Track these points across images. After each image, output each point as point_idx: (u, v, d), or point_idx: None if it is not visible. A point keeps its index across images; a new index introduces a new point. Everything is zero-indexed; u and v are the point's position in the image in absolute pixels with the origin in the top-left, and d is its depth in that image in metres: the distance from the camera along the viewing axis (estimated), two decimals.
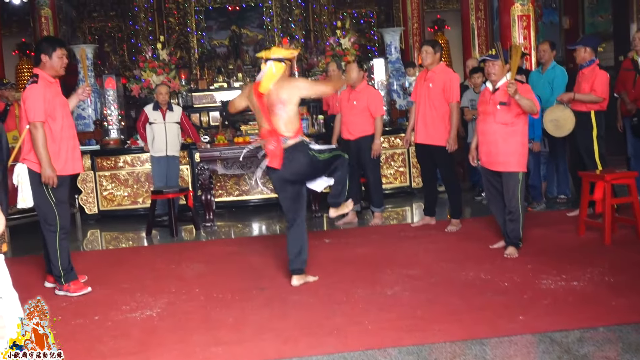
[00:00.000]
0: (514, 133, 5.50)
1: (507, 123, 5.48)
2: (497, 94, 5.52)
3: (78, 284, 5.24)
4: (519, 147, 5.53)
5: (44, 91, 5.04)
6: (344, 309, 4.41)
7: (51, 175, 4.98)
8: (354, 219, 7.53)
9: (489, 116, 5.57)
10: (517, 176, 5.52)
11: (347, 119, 7.29)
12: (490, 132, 5.56)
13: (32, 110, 4.96)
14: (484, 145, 5.65)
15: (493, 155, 5.57)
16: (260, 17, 16.03)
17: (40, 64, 5.18)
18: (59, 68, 5.22)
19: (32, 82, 5.05)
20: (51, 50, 5.16)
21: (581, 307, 4.18)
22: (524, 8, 9.83)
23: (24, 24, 15.94)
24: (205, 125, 11.98)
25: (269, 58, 4.99)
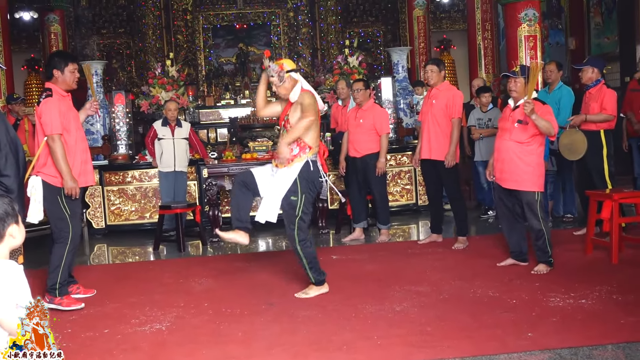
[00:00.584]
0: (529, 152, 5.50)
1: (522, 142, 5.48)
2: (517, 111, 5.52)
3: (70, 299, 5.23)
4: (533, 167, 5.52)
5: (59, 104, 5.09)
6: (353, 325, 4.42)
7: (73, 187, 5.04)
8: (360, 236, 7.56)
9: (505, 133, 5.59)
10: (532, 195, 5.52)
11: (354, 137, 7.35)
12: (505, 149, 5.58)
13: (49, 124, 5.00)
14: (499, 162, 5.67)
15: (507, 172, 5.59)
16: (268, 35, 16.18)
17: (52, 79, 5.24)
18: (71, 82, 5.27)
19: (47, 96, 5.09)
20: (63, 65, 5.22)
21: (590, 324, 4.19)
22: (530, 29, 9.91)
23: (34, 39, 16.12)
24: (212, 142, 12.04)
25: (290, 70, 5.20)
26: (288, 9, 15.96)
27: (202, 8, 15.96)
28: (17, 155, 3.88)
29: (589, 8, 13.14)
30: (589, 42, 13.08)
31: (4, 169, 3.83)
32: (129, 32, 16.40)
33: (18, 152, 3.89)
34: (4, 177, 3.82)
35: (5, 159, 3.80)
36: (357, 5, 16.81)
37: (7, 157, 3.82)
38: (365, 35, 16.60)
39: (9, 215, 2.51)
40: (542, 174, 5.59)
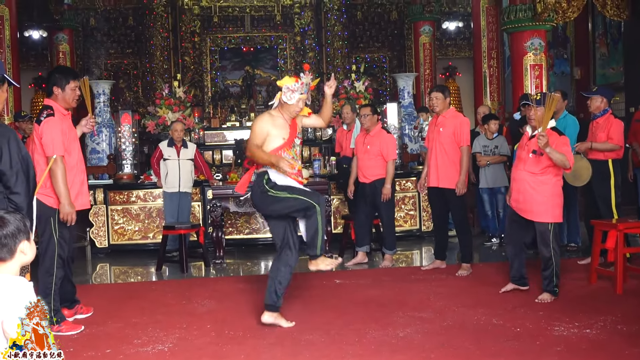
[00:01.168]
0: (544, 182, 5.47)
1: (535, 172, 5.46)
2: (533, 141, 5.47)
3: (69, 324, 5.11)
4: (548, 197, 5.48)
5: (61, 124, 4.97)
6: (356, 350, 4.40)
7: (70, 212, 4.92)
8: (363, 259, 7.54)
9: (520, 162, 5.58)
10: (546, 226, 5.50)
11: (362, 163, 7.37)
12: (520, 179, 5.57)
13: (50, 145, 4.87)
14: (514, 192, 5.65)
15: (521, 202, 5.57)
16: (274, 59, 16.31)
17: (52, 96, 5.10)
18: (71, 101, 5.14)
19: (48, 115, 4.94)
20: (64, 83, 5.08)
21: (594, 355, 4.17)
22: (536, 58, 10.00)
23: (42, 58, 16.25)
24: (217, 163, 12.07)
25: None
26: (295, 34, 16.09)
27: (210, 30, 16.10)
28: (28, 173, 3.89)
29: (594, 38, 13.23)
30: (594, 72, 13.15)
31: (15, 186, 3.83)
32: (136, 53, 16.53)
33: (29, 170, 3.90)
34: (14, 194, 3.82)
35: (16, 176, 3.81)
36: (364, 31, 16.94)
37: (18, 174, 3.83)
38: (371, 61, 16.71)
39: (20, 232, 2.52)
40: (558, 204, 5.54)
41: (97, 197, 8.65)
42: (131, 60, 16.65)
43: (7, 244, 2.49)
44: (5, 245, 2.49)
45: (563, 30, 14.05)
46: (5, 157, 3.81)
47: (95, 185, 8.93)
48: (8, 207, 3.61)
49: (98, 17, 16.18)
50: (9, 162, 3.82)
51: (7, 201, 3.85)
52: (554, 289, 5.53)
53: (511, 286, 5.78)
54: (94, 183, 9.16)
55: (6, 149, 3.82)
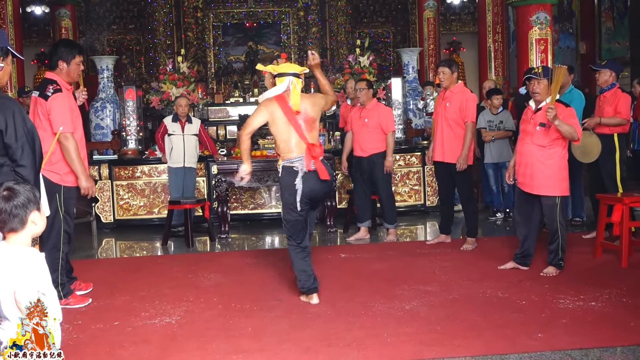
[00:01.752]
0: (551, 156, 5.44)
1: (544, 145, 5.43)
2: (539, 114, 5.44)
3: (77, 297, 5.14)
4: (556, 171, 5.45)
5: (69, 100, 4.93)
6: (363, 322, 4.43)
7: (89, 186, 4.94)
8: (365, 236, 7.55)
9: (527, 136, 5.52)
10: (553, 199, 5.48)
11: (359, 137, 7.34)
12: (527, 153, 5.52)
13: (60, 121, 4.80)
14: (521, 166, 5.59)
15: (529, 177, 5.53)
16: (277, 34, 16.23)
17: (56, 69, 5.00)
18: (75, 75, 5.06)
19: (56, 91, 4.85)
20: (70, 57, 5.00)
21: (600, 327, 4.19)
22: (541, 32, 9.93)
23: (44, 34, 16.20)
24: (221, 139, 12.07)
25: (285, 73, 4.89)
26: (298, 8, 15.99)
27: (213, 6, 16.00)
28: (34, 146, 3.88)
29: (600, 12, 13.14)
30: (599, 47, 13.08)
31: (20, 159, 3.83)
32: (139, 29, 16.46)
33: (34, 142, 3.90)
34: (20, 167, 3.83)
35: (22, 149, 3.81)
36: (368, 6, 16.84)
37: (24, 147, 3.83)
38: (375, 36, 16.62)
39: (30, 202, 2.53)
40: (565, 177, 5.52)
41: (102, 172, 8.66)
42: (134, 36, 16.59)
43: (18, 214, 2.51)
44: (17, 215, 2.51)
45: (568, 4, 13.95)
46: (11, 130, 3.81)
47: (100, 160, 8.93)
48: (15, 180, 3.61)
49: None
50: (14, 135, 3.81)
51: (13, 174, 3.85)
52: (560, 262, 5.54)
53: (511, 264, 5.76)
54: (98, 158, 9.16)
55: (11, 122, 3.81)
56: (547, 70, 5.52)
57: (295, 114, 4.84)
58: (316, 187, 4.89)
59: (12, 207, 2.50)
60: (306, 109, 4.89)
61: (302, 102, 4.87)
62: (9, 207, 2.50)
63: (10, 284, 2.44)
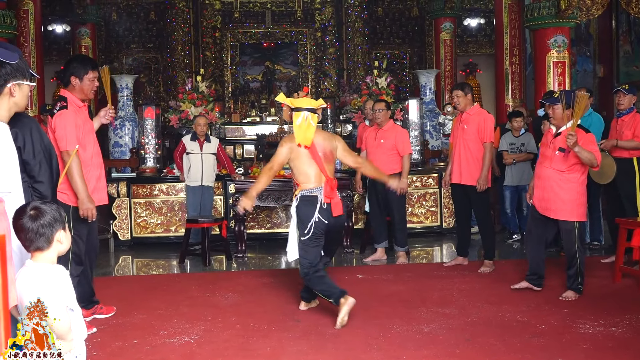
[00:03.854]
0: (570, 180, 5.43)
1: (562, 170, 5.42)
2: (558, 138, 5.44)
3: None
4: (574, 196, 5.44)
5: (75, 117, 4.81)
6: (381, 344, 4.42)
7: (90, 207, 4.78)
8: (382, 257, 7.53)
9: (546, 160, 5.53)
10: (572, 224, 5.46)
11: (374, 157, 7.33)
12: (545, 177, 5.51)
13: (63, 139, 4.72)
14: (539, 190, 5.59)
15: (546, 201, 5.52)
16: (295, 55, 16.32)
17: (68, 86, 4.92)
18: (88, 92, 4.96)
19: (62, 108, 4.75)
20: (82, 73, 4.90)
21: (621, 353, 4.16)
22: (559, 55, 9.95)
23: (64, 52, 16.38)
24: (239, 158, 12.13)
25: (301, 108, 5.10)
26: (316, 29, 16.10)
27: (231, 26, 16.14)
28: (51, 162, 3.91)
29: (617, 36, 13.13)
30: (617, 70, 13.05)
31: (38, 175, 3.85)
32: (157, 48, 16.63)
33: (52, 159, 3.92)
34: (38, 183, 3.85)
35: (39, 165, 3.83)
36: (385, 27, 16.94)
37: (42, 163, 3.85)
38: (392, 57, 16.68)
39: (57, 221, 2.56)
40: (583, 203, 5.51)
41: (120, 190, 8.73)
42: (152, 55, 16.76)
43: (44, 233, 2.54)
44: (43, 234, 2.54)
45: (586, 27, 13.95)
46: (29, 147, 3.82)
47: (119, 178, 8.99)
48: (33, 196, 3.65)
49: (120, 11, 16.30)
50: (32, 152, 3.83)
51: (31, 190, 3.87)
52: (579, 287, 5.51)
53: (525, 284, 5.74)
54: (117, 176, 9.23)
55: (29, 139, 3.83)
56: (563, 94, 5.50)
57: (305, 148, 5.05)
58: (331, 220, 5.07)
59: (39, 226, 2.53)
60: (322, 143, 5.11)
61: (317, 137, 5.10)
62: (36, 226, 2.53)
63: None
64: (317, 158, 5.05)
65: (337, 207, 5.06)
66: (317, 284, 5.00)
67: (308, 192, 5.06)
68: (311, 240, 5.03)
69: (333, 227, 5.13)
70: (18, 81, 3.06)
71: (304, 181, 5.10)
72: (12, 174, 3.04)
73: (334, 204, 5.04)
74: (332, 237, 5.27)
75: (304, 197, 5.07)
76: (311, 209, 5.02)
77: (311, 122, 5.06)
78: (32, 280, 2.51)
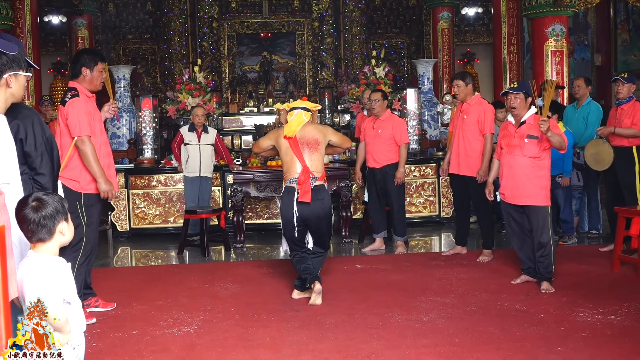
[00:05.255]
0: (541, 167, 5.48)
1: (535, 156, 5.44)
2: (523, 127, 5.49)
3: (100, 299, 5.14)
4: (546, 181, 5.52)
5: (87, 105, 4.91)
6: (380, 334, 4.43)
7: (108, 189, 4.90)
8: (381, 247, 7.54)
9: (515, 149, 5.52)
10: (546, 210, 5.50)
11: (372, 148, 7.35)
12: (517, 165, 5.51)
13: (77, 125, 4.81)
14: (510, 179, 5.59)
15: (520, 189, 5.52)
16: (292, 45, 16.29)
17: (78, 77, 5.01)
18: (98, 83, 5.07)
19: (73, 96, 4.87)
20: (93, 64, 5.00)
21: (620, 341, 4.17)
22: (557, 44, 9.95)
23: (61, 43, 16.34)
24: (236, 148, 12.11)
25: (296, 107, 5.50)
26: (313, 19, 16.05)
27: (228, 16, 16.09)
28: (52, 154, 3.91)
29: (616, 25, 13.12)
30: (615, 59, 13.04)
31: (40, 167, 3.85)
32: (154, 38, 16.58)
33: (53, 151, 3.92)
34: (39, 175, 3.84)
35: (41, 157, 3.82)
36: (382, 17, 16.89)
37: (43, 155, 3.84)
38: (389, 47, 16.65)
39: (59, 213, 2.56)
40: (550, 187, 5.61)
41: (118, 181, 8.70)
42: (149, 45, 16.71)
43: (46, 224, 2.54)
44: (45, 226, 2.54)
45: (584, 16, 13.94)
46: (30, 139, 3.82)
47: (117, 169, 8.94)
48: (34, 188, 3.65)
49: (117, 2, 16.23)
50: (33, 144, 3.83)
51: (32, 182, 3.87)
52: (551, 276, 5.51)
53: (525, 278, 5.73)
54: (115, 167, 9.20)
55: (31, 131, 3.83)
56: (523, 84, 5.60)
57: (288, 139, 5.39)
58: (305, 211, 5.33)
59: (41, 217, 2.53)
60: (309, 132, 5.42)
61: (305, 128, 5.44)
62: (38, 217, 2.53)
63: (37, 292, 2.46)
64: (297, 149, 5.36)
65: (305, 194, 5.27)
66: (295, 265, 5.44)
67: (288, 182, 5.41)
68: (284, 228, 5.44)
69: (308, 217, 5.35)
70: (14, 72, 3.04)
71: (285, 172, 5.47)
72: (10, 165, 3.02)
73: (303, 191, 5.27)
74: (314, 228, 5.43)
75: (286, 188, 5.42)
76: (288, 198, 5.37)
77: (303, 118, 5.46)
78: (33, 271, 2.51)
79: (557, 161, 6.88)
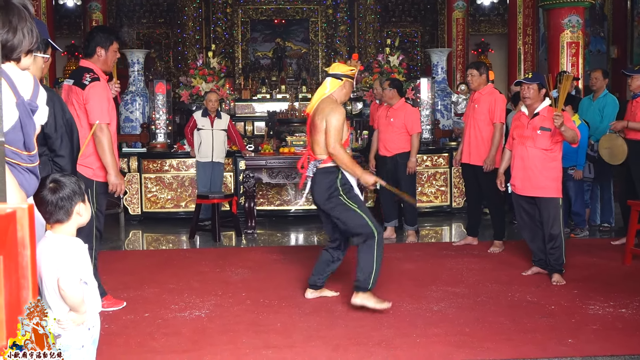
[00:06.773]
0: (553, 158, 5.46)
1: (547, 148, 5.42)
2: (537, 119, 5.45)
3: (110, 299, 4.85)
4: (557, 173, 5.49)
5: (107, 90, 4.75)
6: (391, 322, 4.44)
7: (118, 183, 4.68)
8: (392, 235, 7.54)
9: (527, 140, 5.49)
10: (557, 201, 5.48)
11: (384, 136, 7.35)
12: (530, 157, 5.49)
13: (97, 111, 4.59)
14: (522, 171, 5.56)
15: (532, 180, 5.50)
16: (306, 32, 16.26)
17: (92, 57, 4.78)
18: (111, 63, 4.87)
19: (94, 79, 4.62)
20: (108, 44, 4.79)
21: (631, 334, 4.16)
22: (573, 35, 9.87)
23: (75, 26, 16.38)
24: (249, 134, 12.14)
25: (328, 73, 4.87)
26: (327, 6, 16.00)
27: (242, 2, 16.08)
28: (72, 136, 3.92)
29: (632, 17, 13.01)
30: (631, 51, 12.94)
31: (59, 149, 3.86)
32: (168, 23, 16.59)
33: (73, 133, 3.94)
34: (59, 157, 3.87)
35: (60, 139, 3.84)
36: (397, 5, 16.84)
37: (63, 137, 3.86)
38: (403, 36, 16.59)
39: (76, 194, 2.57)
40: (561, 179, 5.57)
41: (131, 165, 8.74)
42: (163, 30, 16.73)
43: (63, 206, 2.55)
44: (62, 207, 2.55)
45: (600, 7, 13.82)
46: (51, 121, 3.80)
47: (130, 153, 9.01)
48: (53, 170, 3.67)
49: None
50: (54, 125, 3.84)
51: (51, 164, 3.89)
52: (562, 268, 5.50)
53: (535, 269, 5.72)
54: (128, 151, 9.24)
55: (51, 112, 3.81)
56: (537, 76, 5.54)
57: (306, 114, 4.96)
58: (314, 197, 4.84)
59: (58, 199, 2.54)
60: (318, 112, 4.70)
61: (320, 106, 4.72)
62: (55, 198, 2.54)
63: (54, 272, 2.49)
64: (308, 127, 4.88)
65: (302, 180, 4.89)
66: None
67: None
68: None
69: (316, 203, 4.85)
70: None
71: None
72: None
73: (303, 176, 4.88)
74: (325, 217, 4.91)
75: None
76: None
77: (325, 90, 4.75)
78: (51, 252, 2.53)
79: (570, 153, 6.84)
